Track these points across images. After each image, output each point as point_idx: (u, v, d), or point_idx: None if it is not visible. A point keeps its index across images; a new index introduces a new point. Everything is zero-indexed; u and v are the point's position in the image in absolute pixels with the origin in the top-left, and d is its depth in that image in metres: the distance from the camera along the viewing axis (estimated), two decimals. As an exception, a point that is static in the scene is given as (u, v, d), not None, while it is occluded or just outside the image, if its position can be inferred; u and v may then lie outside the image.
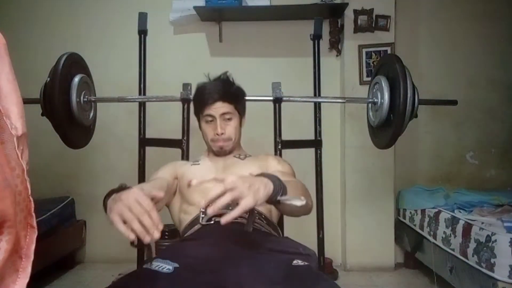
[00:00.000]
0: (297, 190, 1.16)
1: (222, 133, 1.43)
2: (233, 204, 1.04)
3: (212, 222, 1.24)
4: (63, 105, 1.54)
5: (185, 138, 1.80)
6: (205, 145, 1.55)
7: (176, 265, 0.94)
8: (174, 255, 1.01)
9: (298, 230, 1.68)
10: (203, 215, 1.27)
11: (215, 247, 1.06)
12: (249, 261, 0.98)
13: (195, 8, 2.81)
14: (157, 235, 0.84)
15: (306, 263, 1.01)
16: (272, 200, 0.97)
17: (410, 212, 2.79)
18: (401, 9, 2.94)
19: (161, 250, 1.19)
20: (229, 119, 1.46)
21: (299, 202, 0.99)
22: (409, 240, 2.78)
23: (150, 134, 2.03)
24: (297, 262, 1.00)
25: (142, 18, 2.01)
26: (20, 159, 0.65)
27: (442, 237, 2.32)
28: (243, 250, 1.04)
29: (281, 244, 1.16)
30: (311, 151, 1.99)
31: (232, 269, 0.93)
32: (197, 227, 1.28)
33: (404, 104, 1.52)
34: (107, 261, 2.90)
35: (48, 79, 1.52)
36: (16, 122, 0.66)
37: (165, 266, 0.92)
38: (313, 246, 1.47)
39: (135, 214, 0.86)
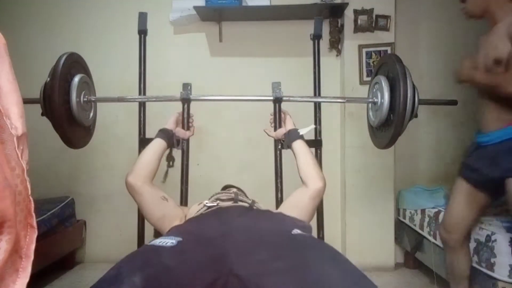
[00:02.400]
0: (313, 158, 1.56)
1: None
2: (235, 196, 1.37)
3: (216, 204, 1.33)
4: (63, 105, 1.54)
5: (185, 138, 1.80)
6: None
7: (180, 239, 0.96)
8: (177, 232, 1.04)
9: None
10: (207, 201, 1.36)
11: (217, 221, 1.11)
12: (250, 232, 1.01)
13: (195, 8, 2.81)
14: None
15: (304, 233, 1.06)
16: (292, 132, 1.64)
17: (410, 212, 2.79)
18: (401, 9, 2.94)
19: (167, 231, 1.23)
20: None
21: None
22: (409, 240, 2.78)
23: (150, 134, 2.02)
24: (296, 231, 1.04)
25: (142, 18, 2.01)
26: (20, 159, 0.65)
27: (442, 237, 2.32)
28: (244, 223, 1.09)
29: (278, 216, 1.25)
30: (311, 151, 1.99)
31: (233, 239, 0.95)
32: (202, 210, 1.33)
33: (404, 104, 1.52)
34: (107, 261, 2.85)
35: (48, 79, 1.52)
36: (16, 122, 0.66)
37: (168, 241, 0.94)
38: (313, 246, 1.48)
39: None
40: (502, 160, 1.73)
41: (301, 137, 1.63)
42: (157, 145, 1.57)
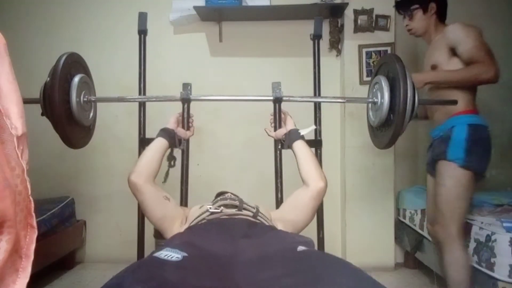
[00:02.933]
0: (314, 158, 1.56)
1: None
2: (240, 204, 1.36)
3: (219, 210, 1.32)
4: (63, 105, 1.53)
5: (185, 138, 1.80)
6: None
7: (185, 254, 0.94)
8: (183, 245, 1.03)
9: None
10: (210, 206, 1.35)
11: (223, 238, 1.09)
12: (258, 256, 0.99)
13: (195, 8, 2.81)
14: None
15: (309, 248, 1.04)
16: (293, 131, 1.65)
17: (410, 212, 2.79)
18: (401, 9, 2.94)
19: (171, 238, 1.22)
20: None
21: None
22: (409, 240, 2.78)
23: (150, 134, 2.03)
24: (301, 248, 1.02)
25: (142, 18, 2.01)
26: (20, 159, 0.65)
27: (442, 237, 2.32)
28: (251, 245, 1.06)
29: (282, 234, 1.22)
30: (311, 151, 1.99)
31: (240, 262, 0.94)
32: (204, 215, 1.32)
33: (404, 104, 1.52)
34: (107, 261, 2.90)
35: (48, 79, 1.52)
36: (16, 122, 0.66)
37: (174, 255, 0.93)
38: (313, 246, 1.47)
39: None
40: (440, 147, 1.97)
41: (302, 137, 1.64)
42: (159, 144, 1.57)
